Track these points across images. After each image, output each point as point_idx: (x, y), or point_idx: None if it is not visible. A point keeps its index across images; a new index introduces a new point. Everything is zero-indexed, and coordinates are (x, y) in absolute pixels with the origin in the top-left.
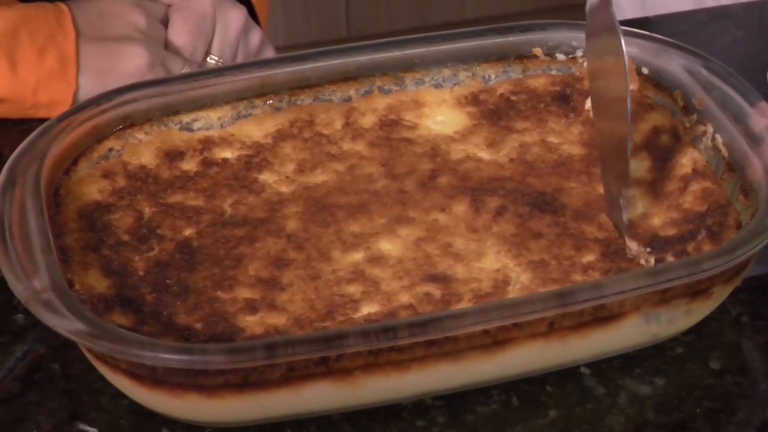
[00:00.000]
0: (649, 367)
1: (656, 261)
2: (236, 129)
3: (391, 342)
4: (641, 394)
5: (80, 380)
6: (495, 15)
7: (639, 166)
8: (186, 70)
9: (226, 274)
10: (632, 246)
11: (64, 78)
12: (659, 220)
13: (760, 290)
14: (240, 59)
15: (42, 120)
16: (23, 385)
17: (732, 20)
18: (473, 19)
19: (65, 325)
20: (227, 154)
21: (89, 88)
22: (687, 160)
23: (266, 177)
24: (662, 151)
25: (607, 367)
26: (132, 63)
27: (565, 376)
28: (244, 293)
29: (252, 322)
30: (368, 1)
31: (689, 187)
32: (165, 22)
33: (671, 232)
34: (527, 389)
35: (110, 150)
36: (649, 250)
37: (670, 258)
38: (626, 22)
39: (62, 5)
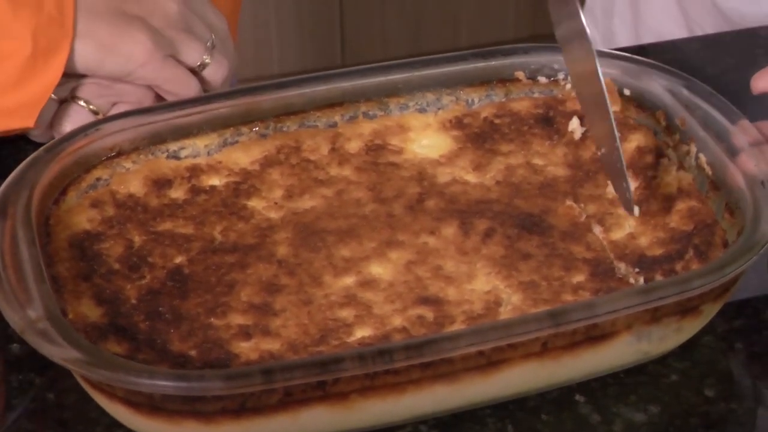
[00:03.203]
0: (644, 394)
1: (645, 280)
2: (223, 156)
3: (387, 365)
4: (636, 421)
5: (75, 410)
6: (490, 42)
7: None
8: (206, 59)
9: (218, 300)
10: (620, 266)
11: (62, 24)
12: (646, 240)
13: (753, 317)
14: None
15: (38, 144)
16: (18, 415)
17: (724, 48)
18: (468, 47)
19: (61, 353)
20: (215, 181)
21: (87, 58)
22: (672, 180)
23: (255, 203)
24: (647, 171)
25: (602, 394)
26: (130, 49)
27: (560, 403)
28: (238, 319)
29: (246, 348)
30: (363, 29)
31: (675, 207)
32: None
33: (658, 251)
34: (522, 417)
35: (98, 179)
36: (637, 270)
37: (659, 278)
38: (621, 50)
39: None
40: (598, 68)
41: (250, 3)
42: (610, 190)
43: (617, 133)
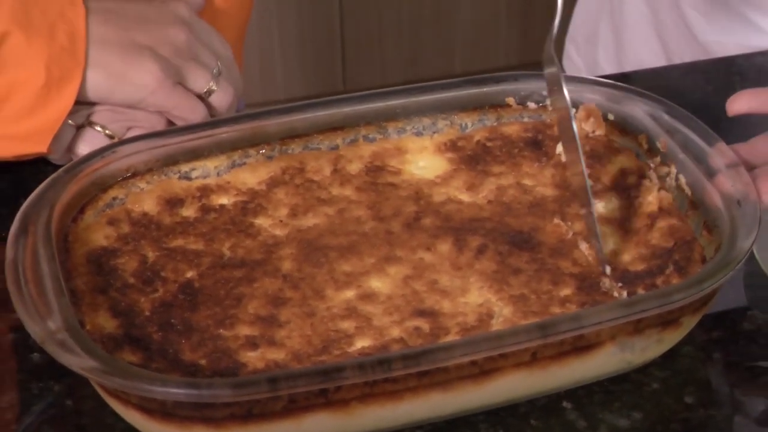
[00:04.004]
0: (628, 401)
1: (628, 294)
2: (232, 177)
3: (386, 374)
4: (620, 427)
5: (92, 416)
6: (482, 70)
7: (608, 206)
8: (212, 86)
9: (227, 312)
10: (605, 281)
11: (74, 54)
12: (629, 256)
13: (730, 329)
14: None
15: (57, 166)
16: (39, 421)
17: (702, 76)
18: (461, 74)
19: (79, 363)
20: (224, 200)
21: (99, 86)
22: (653, 199)
23: (261, 221)
24: (630, 191)
25: (588, 401)
26: (141, 78)
27: (549, 410)
28: (245, 330)
29: (253, 358)
30: (363, 58)
31: (656, 225)
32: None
33: (641, 267)
34: (513, 423)
35: (114, 198)
36: (620, 284)
37: (640, 291)
38: (605, 77)
39: None
40: (574, 127)
41: (256, 34)
42: (595, 209)
43: (591, 197)
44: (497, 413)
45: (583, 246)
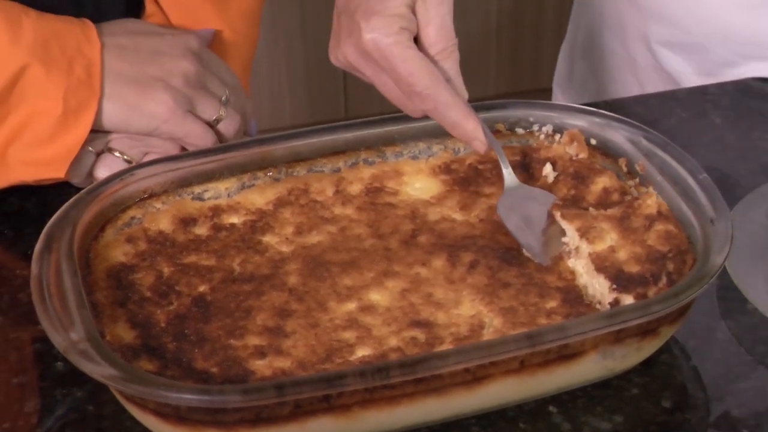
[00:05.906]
0: (609, 405)
1: (617, 300)
2: (241, 197)
3: (384, 381)
4: (602, 429)
5: (112, 420)
6: (473, 98)
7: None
8: (222, 113)
9: (237, 324)
10: (599, 279)
11: (90, 86)
12: (625, 253)
13: (705, 338)
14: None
15: (78, 189)
16: (62, 425)
17: (678, 103)
18: None
19: (100, 371)
20: (234, 219)
21: (114, 117)
22: (652, 203)
23: (269, 239)
24: (614, 205)
25: (572, 406)
26: (154, 108)
27: (536, 414)
28: (254, 340)
29: (261, 366)
30: (363, 87)
31: (654, 227)
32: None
33: (635, 269)
34: (503, 426)
35: (132, 218)
36: (614, 287)
37: (631, 300)
38: (587, 104)
39: (86, 20)
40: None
41: (265, 65)
42: (593, 211)
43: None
44: (488, 417)
45: (584, 244)
